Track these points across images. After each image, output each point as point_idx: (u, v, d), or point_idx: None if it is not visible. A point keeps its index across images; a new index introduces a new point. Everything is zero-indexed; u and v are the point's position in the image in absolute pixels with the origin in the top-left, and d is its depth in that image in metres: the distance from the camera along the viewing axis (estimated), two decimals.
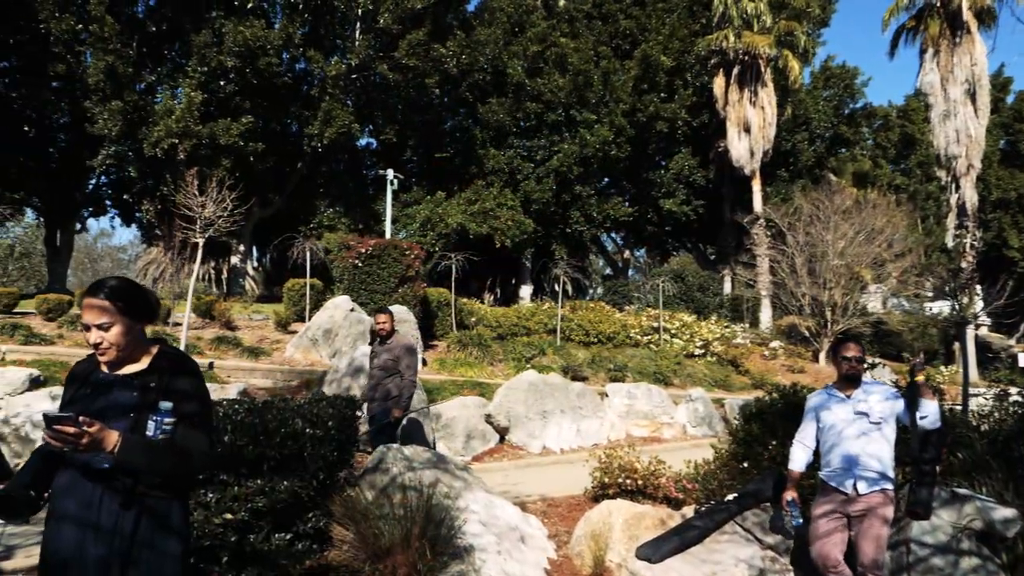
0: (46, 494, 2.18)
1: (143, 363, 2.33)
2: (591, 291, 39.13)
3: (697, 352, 19.47)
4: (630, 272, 40.10)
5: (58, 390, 8.50)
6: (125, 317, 2.27)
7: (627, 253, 37.61)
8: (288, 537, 5.11)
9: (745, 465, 6.50)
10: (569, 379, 15.08)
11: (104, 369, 2.33)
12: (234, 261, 24.50)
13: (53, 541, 2.18)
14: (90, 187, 23.29)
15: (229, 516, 4.86)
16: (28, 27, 18.60)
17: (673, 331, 20.25)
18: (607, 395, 12.69)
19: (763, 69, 27.25)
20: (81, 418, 1.99)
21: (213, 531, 4.76)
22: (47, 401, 7.87)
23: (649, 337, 19.83)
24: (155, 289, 20.87)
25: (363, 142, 28.02)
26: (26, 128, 20.43)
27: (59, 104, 20.83)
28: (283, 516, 5.12)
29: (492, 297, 33.73)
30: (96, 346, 2.26)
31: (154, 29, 20.24)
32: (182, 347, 10.53)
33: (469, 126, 27.11)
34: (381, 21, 21.29)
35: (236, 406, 5.36)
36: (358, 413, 6.77)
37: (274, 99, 21.66)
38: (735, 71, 27.45)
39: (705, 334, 20.09)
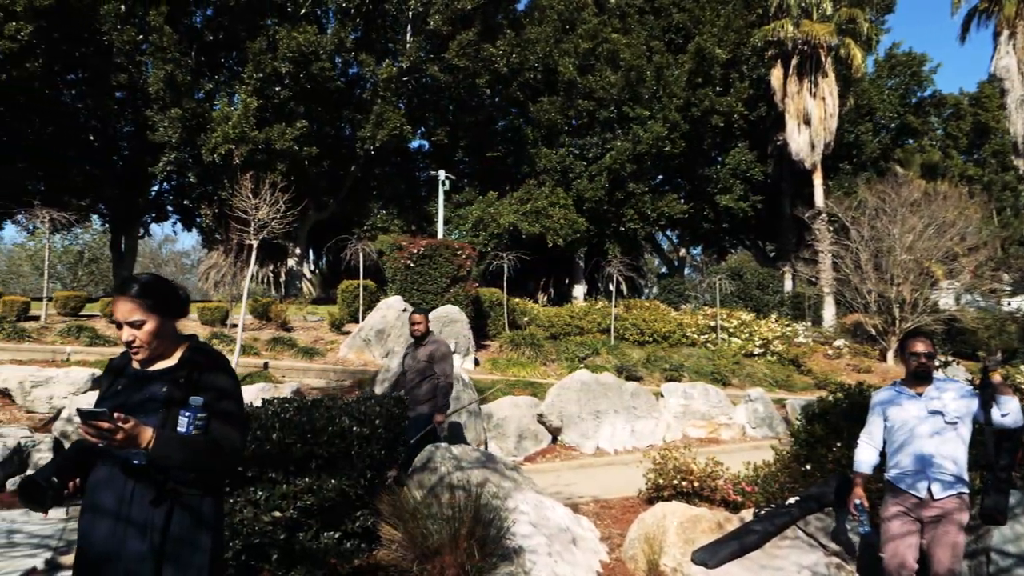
0: (71, 484, 2.16)
1: (175, 359, 2.33)
2: (646, 290, 38.59)
3: (756, 351, 18.91)
4: (686, 270, 39.39)
5: None
6: (156, 314, 2.27)
7: (683, 251, 36.92)
8: (337, 536, 5.09)
9: (808, 467, 6.20)
10: (623, 379, 14.82)
11: (137, 365, 2.33)
12: (291, 264, 24.99)
13: (89, 534, 2.18)
14: (152, 193, 24.12)
15: (278, 514, 4.86)
16: (92, 39, 19.36)
17: (731, 330, 19.73)
18: (662, 395, 12.40)
19: (823, 59, 26.35)
20: (116, 414, 1.99)
21: (262, 529, 4.77)
22: None
23: (706, 336, 19.37)
24: (216, 292, 21.45)
25: (415, 144, 28.29)
26: (91, 137, 21.27)
27: (122, 113, 21.62)
28: (331, 515, 5.10)
29: (546, 297, 33.61)
30: (129, 344, 2.27)
31: (211, 38, 20.82)
32: (237, 347, 10.71)
33: (520, 125, 27.04)
34: (431, 23, 21.41)
35: (286, 404, 5.37)
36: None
37: (327, 103, 22.00)
38: (794, 62, 26.62)
39: (765, 333, 19.51)
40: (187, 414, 2.16)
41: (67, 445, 7.96)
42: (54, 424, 8.13)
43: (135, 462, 2.13)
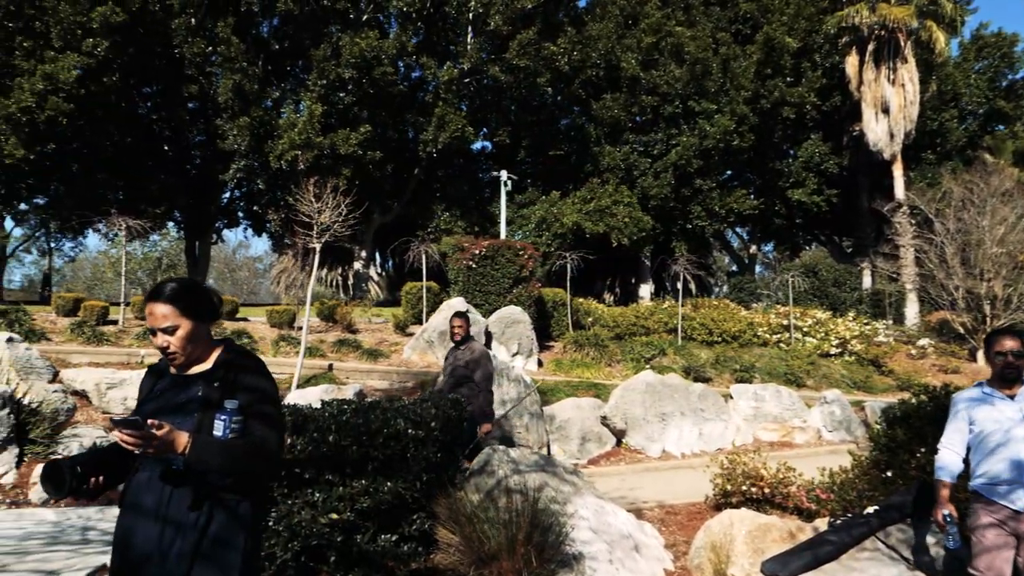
0: (93, 480, 2.12)
1: (210, 362, 2.31)
2: (716, 289, 37.66)
3: (833, 351, 18.11)
4: (757, 268, 38.24)
5: None
6: (188, 318, 2.26)
7: (753, 248, 35.83)
8: (394, 538, 5.04)
9: (889, 474, 5.81)
10: (691, 380, 14.42)
11: (173, 370, 2.33)
12: (357, 267, 25.44)
13: (128, 534, 2.18)
14: (224, 200, 24.97)
15: (335, 516, 4.85)
16: (165, 53, 20.21)
17: (805, 329, 18.96)
18: (731, 397, 11.97)
19: (903, 43, 25.08)
20: (149, 421, 1.97)
21: (320, 531, 4.76)
22: None
23: (779, 336, 18.67)
24: (287, 295, 22.01)
25: (477, 145, 28.39)
26: (166, 147, 22.18)
27: (194, 123, 22.47)
28: (388, 517, 5.06)
29: (612, 297, 33.21)
30: (163, 350, 2.26)
31: (277, 47, 21.40)
32: (302, 349, 10.88)
33: (583, 123, 26.78)
34: (491, 23, 21.41)
35: (343, 406, 5.36)
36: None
37: (390, 107, 22.28)
38: (870, 48, 25.43)
39: (842, 332, 18.66)
40: (223, 417, 2.14)
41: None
42: None
43: (173, 467, 2.12)
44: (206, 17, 19.50)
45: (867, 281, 27.62)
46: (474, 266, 15.86)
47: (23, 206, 20.53)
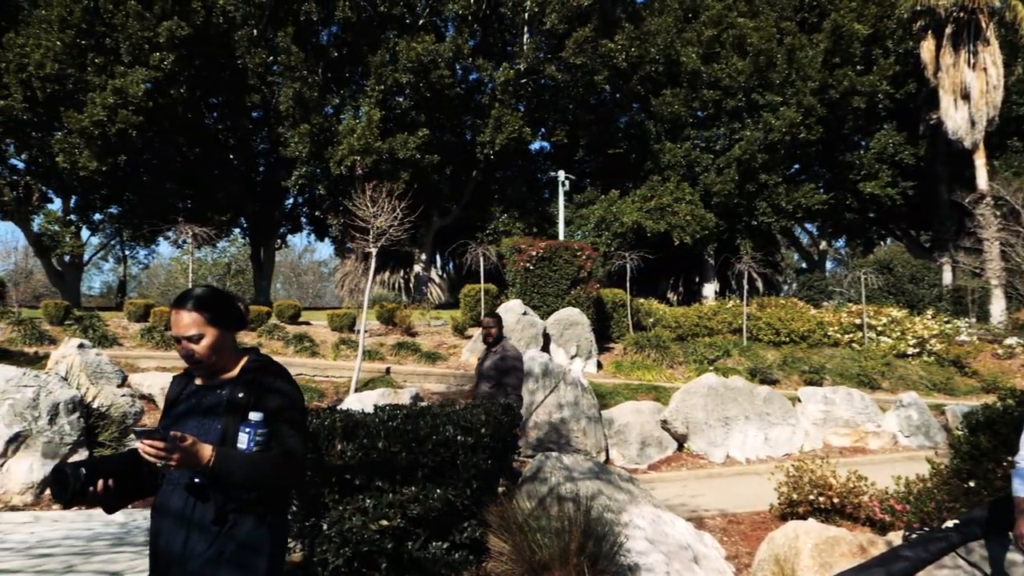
0: (100, 484, 2.04)
1: (235, 372, 2.27)
2: (785, 287, 36.51)
3: (910, 351, 17.25)
4: (828, 265, 36.90)
5: None
6: (214, 327, 2.22)
7: (823, 244, 34.58)
8: (445, 546, 4.99)
9: (971, 484, 5.41)
10: (756, 382, 13.95)
11: (199, 380, 2.30)
12: (417, 269, 25.69)
13: (157, 537, 2.18)
14: (288, 207, 25.61)
15: (385, 523, 4.82)
16: (228, 64, 20.87)
17: (880, 328, 18.11)
18: (799, 400, 11.50)
19: (984, 25, 23.72)
20: (172, 433, 1.94)
21: (370, 537, 4.74)
22: None
23: (851, 336, 17.90)
24: (350, 298, 22.41)
25: (535, 146, 28.26)
26: (231, 156, 22.90)
27: (258, 132, 23.14)
28: (439, 524, 5.01)
29: (676, 297, 32.59)
30: (188, 358, 2.22)
31: (336, 55, 21.81)
32: (359, 352, 10.98)
33: (642, 120, 26.34)
34: (547, 23, 21.28)
35: (395, 412, 5.35)
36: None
37: (447, 110, 22.40)
38: (947, 31, 24.15)
39: (920, 331, 17.75)
40: (247, 430, 2.09)
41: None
42: None
43: (196, 480, 2.08)
44: (267, 28, 20.04)
45: (947, 277, 26.26)
46: (532, 267, 15.76)
47: (97, 216, 21.56)
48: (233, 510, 2.10)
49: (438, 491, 4.98)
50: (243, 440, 2.09)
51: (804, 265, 37.60)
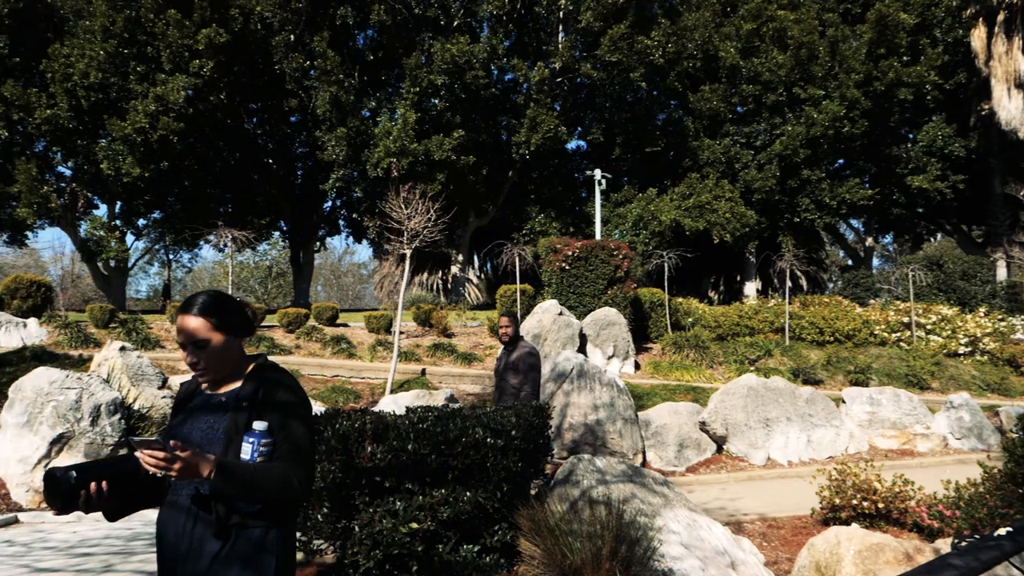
0: (92, 487, 1.93)
1: (241, 380, 2.20)
2: (831, 285, 35.66)
3: (962, 351, 16.65)
4: (875, 262, 35.87)
5: None
6: (220, 333, 2.15)
7: (869, 241, 33.64)
8: (476, 549, 4.94)
9: None
10: (799, 383, 13.63)
11: (206, 389, 2.23)
12: (454, 270, 25.75)
13: (162, 533, 2.11)
14: (327, 209, 25.92)
15: (415, 525, 4.80)
16: (267, 69, 21.22)
17: (929, 326, 17.53)
18: (844, 401, 11.17)
19: None
20: (173, 442, 1.86)
21: (400, 540, 4.72)
22: None
23: (898, 334, 17.36)
24: (388, 300, 22.56)
25: (572, 145, 28.10)
26: (270, 161, 23.28)
27: (297, 136, 23.47)
28: (469, 527, 4.97)
29: (717, 296, 32.10)
30: (193, 366, 2.15)
31: (371, 58, 22.00)
32: (395, 354, 11.01)
33: (680, 117, 25.98)
34: (582, 20, 21.14)
35: (425, 414, 5.33)
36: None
37: (483, 111, 22.41)
38: (1000, 18, 23.32)
39: (972, 329, 17.12)
40: (251, 440, 2.02)
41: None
42: None
43: (201, 491, 2.03)
44: (304, 33, 20.33)
45: (1001, 273, 25.32)
46: (567, 267, 15.65)
47: (141, 222, 22.12)
48: (236, 524, 2.04)
49: (468, 494, 4.94)
50: (246, 450, 2.02)
51: (850, 262, 36.68)
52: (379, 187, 19.73)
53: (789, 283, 27.80)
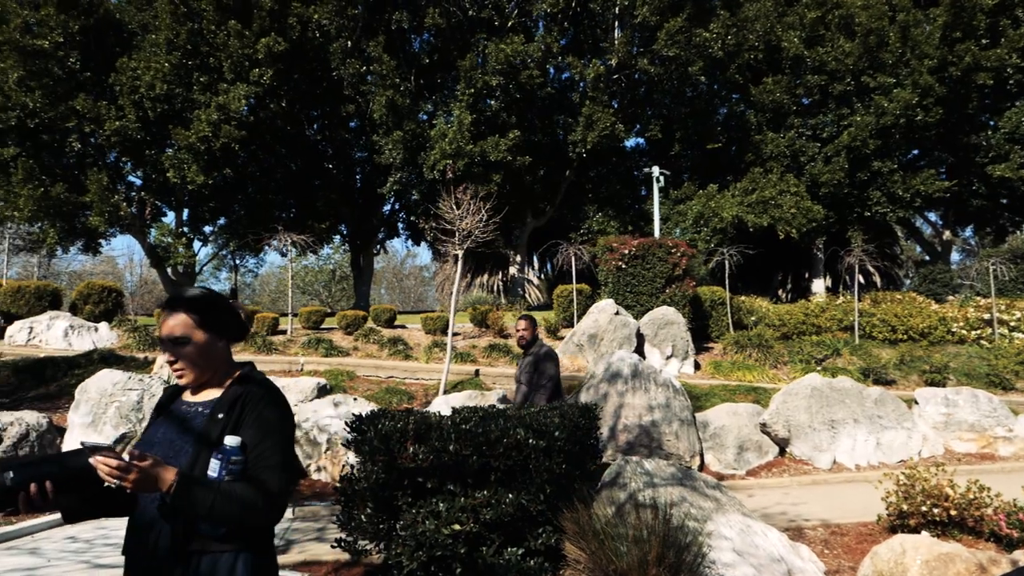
0: (33, 488, 1.72)
1: (222, 389, 2.04)
2: (908, 281, 34.11)
3: None
4: (954, 256, 34.11)
5: (340, 397, 9.36)
6: (203, 332, 1.99)
7: (947, 234, 32.00)
8: (520, 552, 4.86)
9: None
10: (870, 383, 13.05)
11: (189, 396, 2.07)
12: (512, 271, 25.73)
13: (128, 543, 1.96)
14: (386, 212, 26.30)
15: (457, 527, 4.76)
16: (325, 76, 21.68)
17: (1013, 323, 16.51)
18: (916, 402, 10.59)
19: None
20: (129, 451, 1.74)
21: (443, 541, 4.69)
22: (330, 407, 8.69)
23: (979, 332, 16.41)
24: (447, 302, 22.69)
25: (630, 142, 27.71)
26: (330, 166, 23.78)
27: (356, 142, 23.91)
28: (513, 530, 4.90)
29: (784, 294, 31.13)
30: (171, 364, 2.00)
31: (427, 61, 22.22)
32: (448, 354, 11.02)
33: (741, 111, 25.29)
34: (639, 15, 20.81)
35: (469, 415, 5.30)
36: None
37: (538, 111, 22.34)
38: None
39: None
40: (219, 456, 1.86)
41: (298, 451, 8.69)
42: None
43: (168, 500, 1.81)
44: (360, 39, 20.67)
45: None
46: (624, 266, 15.40)
47: (208, 228, 22.95)
48: (198, 549, 1.85)
49: (510, 496, 4.87)
50: (214, 467, 1.85)
51: (927, 258, 35.00)
52: (436, 189, 19.91)
53: (861, 279, 26.66)
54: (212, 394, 2.04)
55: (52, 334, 13.24)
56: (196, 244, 22.35)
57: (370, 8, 21.23)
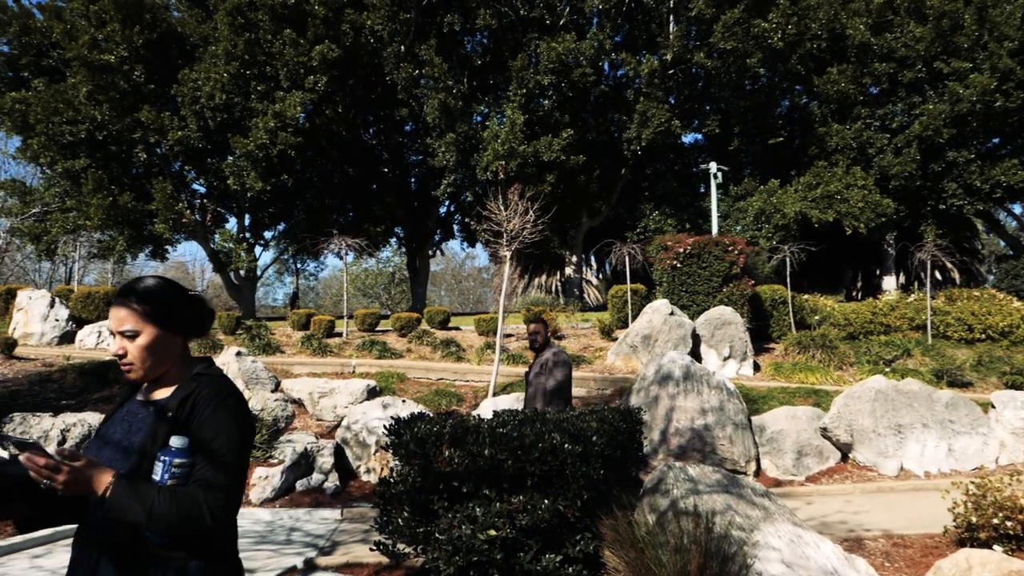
0: None
1: (174, 387, 1.91)
2: (992, 277, 32.35)
3: None
4: None
5: (390, 399, 9.41)
6: (153, 325, 1.86)
7: None
8: (558, 559, 4.76)
9: None
10: (943, 386, 12.38)
11: (142, 393, 1.95)
12: (568, 272, 25.54)
13: (72, 562, 1.86)
14: (442, 214, 26.49)
15: (493, 532, 4.69)
16: (379, 80, 21.99)
17: None
18: (993, 406, 9.96)
19: None
20: (60, 448, 1.62)
21: (479, 547, 4.64)
22: (379, 409, 8.74)
23: None
24: (508, 302, 22.68)
25: (688, 138, 27.14)
26: (385, 170, 24.11)
27: (411, 145, 24.19)
28: (550, 536, 4.80)
29: (854, 292, 29.99)
30: (120, 358, 1.87)
31: (479, 63, 22.28)
32: (496, 356, 10.94)
33: (804, 103, 24.43)
34: (694, 9, 20.35)
35: (506, 419, 5.23)
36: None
37: (592, 109, 22.11)
38: None
39: None
40: (164, 458, 1.74)
41: (348, 452, 8.77)
42: (336, 431, 9.02)
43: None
44: (413, 43, 20.89)
45: None
46: (679, 265, 15.04)
47: (268, 233, 23.65)
48: (143, 558, 1.74)
49: (546, 501, 4.78)
50: (157, 469, 1.73)
51: (1010, 252, 33.09)
52: (489, 191, 19.95)
53: (937, 275, 25.42)
54: (165, 392, 1.91)
55: None
56: (257, 249, 23.01)
57: (422, 12, 21.42)
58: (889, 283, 25.37)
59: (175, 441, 1.76)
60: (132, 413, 1.91)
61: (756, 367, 13.76)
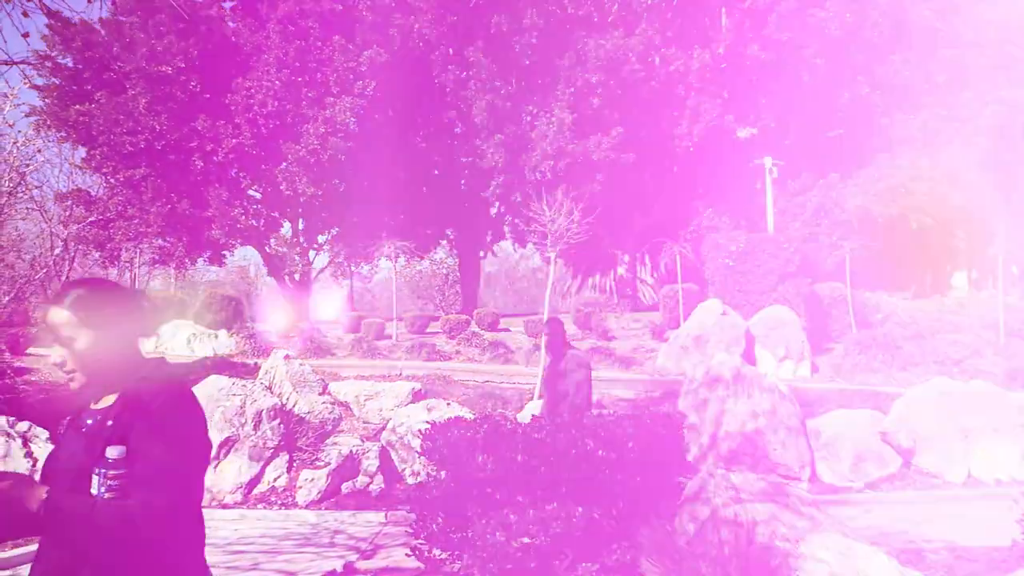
0: None
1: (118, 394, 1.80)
2: None
3: None
4: None
5: (434, 402, 9.42)
6: (89, 330, 1.75)
7: None
8: (595, 568, 4.66)
9: None
10: (1019, 387, 11.68)
11: (92, 402, 1.84)
12: (620, 271, 25.24)
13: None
14: (493, 215, 26.50)
15: (527, 540, 4.63)
16: (426, 84, 22.17)
17: None
18: None
19: None
20: None
21: (512, 554, 4.57)
22: (423, 412, 8.76)
23: None
24: (562, 303, 22.54)
25: (742, 133, 26.43)
26: (436, 172, 24.27)
27: (461, 147, 24.29)
28: (586, 545, 4.71)
29: (920, 289, 28.76)
30: (60, 367, 1.79)
31: (527, 63, 22.22)
32: (541, 359, 10.82)
33: (864, 93, 23.50)
34: (747, 1, 19.84)
35: (542, 423, 5.19)
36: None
37: (641, 106, 21.77)
38: None
39: None
40: (100, 471, 1.64)
41: (393, 455, 8.81)
42: (381, 434, 9.08)
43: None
44: (461, 45, 21.00)
45: None
46: (732, 264, 14.69)
47: (321, 237, 24.04)
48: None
49: (580, 509, 4.68)
50: (94, 483, 1.65)
51: None
52: (538, 190, 19.87)
53: (1013, 270, 24.35)
54: (111, 399, 1.80)
55: (176, 341, 14.27)
56: (311, 253, 23.46)
57: (469, 14, 21.47)
58: (959, 280, 24.23)
59: (111, 452, 1.65)
60: (81, 424, 1.82)
61: (814, 368, 13.30)
